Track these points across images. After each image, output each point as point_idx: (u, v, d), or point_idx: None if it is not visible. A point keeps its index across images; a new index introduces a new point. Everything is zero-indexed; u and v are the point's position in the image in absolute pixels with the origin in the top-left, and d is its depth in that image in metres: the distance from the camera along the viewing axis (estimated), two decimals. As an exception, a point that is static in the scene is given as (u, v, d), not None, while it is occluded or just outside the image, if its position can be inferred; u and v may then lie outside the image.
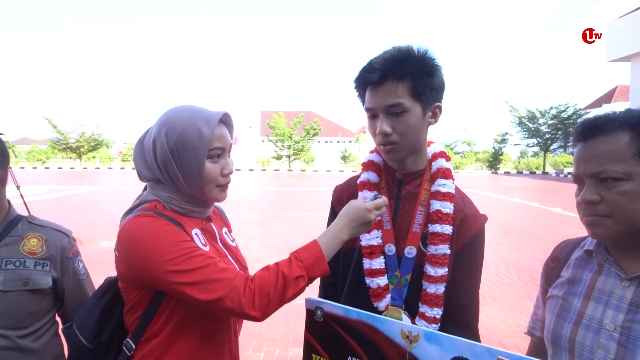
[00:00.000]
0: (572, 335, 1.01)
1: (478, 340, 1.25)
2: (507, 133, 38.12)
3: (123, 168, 35.57)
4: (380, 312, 1.24)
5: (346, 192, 1.41)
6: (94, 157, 40.87)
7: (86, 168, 35.40)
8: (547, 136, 34.85)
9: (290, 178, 26.53)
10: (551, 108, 34.39)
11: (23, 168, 33.62)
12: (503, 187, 20.77)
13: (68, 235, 1.49)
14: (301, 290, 1.09)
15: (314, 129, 37.21)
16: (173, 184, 1.17)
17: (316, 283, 1.29)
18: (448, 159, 1.33)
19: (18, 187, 1.61)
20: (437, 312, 1.22)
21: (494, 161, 37.65)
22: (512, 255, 7.10)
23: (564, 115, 33.81)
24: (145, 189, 1.24)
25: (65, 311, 1.48)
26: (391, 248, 1.27)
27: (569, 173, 29.79)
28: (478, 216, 1.29)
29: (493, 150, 38.25)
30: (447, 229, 1.23)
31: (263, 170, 35.69)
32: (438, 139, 1.40)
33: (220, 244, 1.26)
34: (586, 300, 1.01)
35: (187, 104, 1.20)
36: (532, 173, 35.26)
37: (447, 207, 1.24)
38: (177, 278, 1.03)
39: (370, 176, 1.34)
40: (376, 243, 1.27)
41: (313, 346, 1.11)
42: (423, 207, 1.27)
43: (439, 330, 1.22)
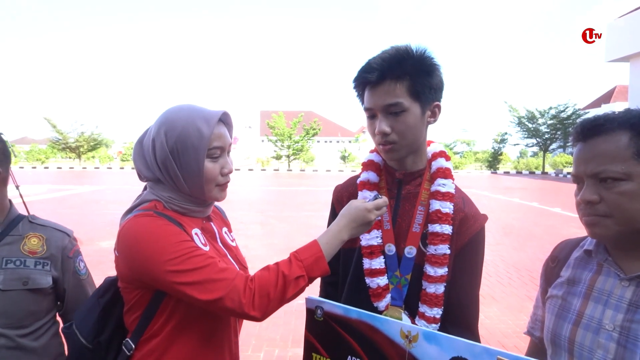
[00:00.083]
0: (572, 335, 1.01)
1: (478, 340, 1.25)
2: (507, 133, 38.13)
3: (122, 168, 35.54)
4: (380, 312, 1.24)
5: (346, 192, 1.41)
6: (93, 157, 40.84)
7: (85, 168, 35.37)
8: (547, 136, 34.86)
9: (289, 178, 26.52)
10: (550, 108, 34.40)
11: (22, 168, 33.59)
12: (502, 187, 20.78)
13: (69, 235, 1.49)
14: (301, 290, 1.09)
15: (314, 129, 37.19)
16: (173, 184, 1.17)
17: (317, 282, 1.29)
18: (448, 159, 1.33)
19: (17, 187, 1.60)
20: (437, 312, 1.22)
21: (494, 161, 37.65)
22: (512, 255, 7.10)
23: (563, 115, 33.83)
24: (145, 189, 1.24)
25: (65, 311, 1.48)
26: (391, 248, 1.26)
27: (569, 173, 29.73)
28: (478, 216, 1.29)
29: (492, 150, 38.24)
30: (447, 229, 1.23)
31: (262, 170, 35.68)
32: (437, 139, 1.39)
33: (220, 244, 1.26)
34: (585, 300, 1.02)
35: (187, 104, 1.19)
36: (532, 173, 35.27)
37: (447, 207, 1.24)
38: (177, 278, 1.03)
39: (370, 176, 1.34)
40: (376, 243, 1.27)
41: (313, 345, 1.11)
42: (423, 207, 1.27)
43: (439, 330, 1.22)
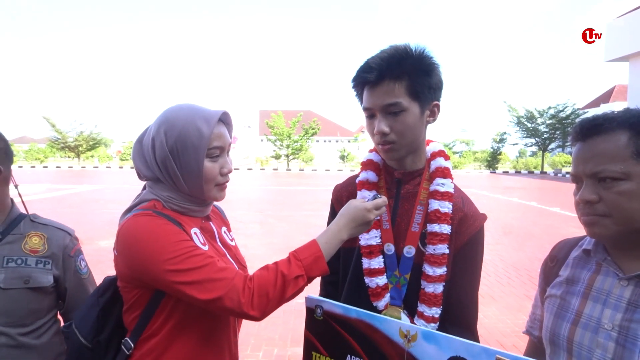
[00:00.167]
0: (571, 334, 1.01)
1: (477, 339, 1.25)
2: (506, 133, 38.16)
3: (121, 167, 35.50)
4: (379, 311, 1.24)
5: (346, 192, 1.41)
6: (93, 156, 40.79)
7: (84, 167, 35.34)
8: (546, 136, 34.87)
9: (289, 177, 26.51)
10: (549, 108, 34.43)
11: (21, 167, 33.55)
12: (502, 187, 20.79)
13: (70, 234, 1.50)
14: (300, 289, 1.09)
15: (313, 129, 37.17)
16: (172, 183, 1.16)
17: (317, 282, 1.29)
18: (447, 158, 1.32)
19: (16, 187, 1.60)
20: (436, 312, 1.22)
21: (493, 161, 37.66)
22: (511, 254, 7.11)
23: (562, 115, 33.84)
24: (144, 188, 1.24)
25: (66, 310, 1.48)
26: (390, 247, 1.26)
27: (567, 172, 29.71)
28: (477, 215, 1.29)
29: (491, 149, 38.25)
30: (446, 229, 1.23)
31: (262, 169, 35.67)
32: (437, 138, 1.39)
33: (219, 243, 1.26)
34: (584, 299, 1.02)
35: (187, 103, 1.19)
36: (531, 172, 35.30)
37: (446, 207, 1.24)
38: (176, 277, 1.03)
39: (369, 175, 1.34)
40: (375, 243, 1.27)
41: (313, 344, 1.11)
42: (422, 207, 1.27)
43: (438, 329, 1.22)
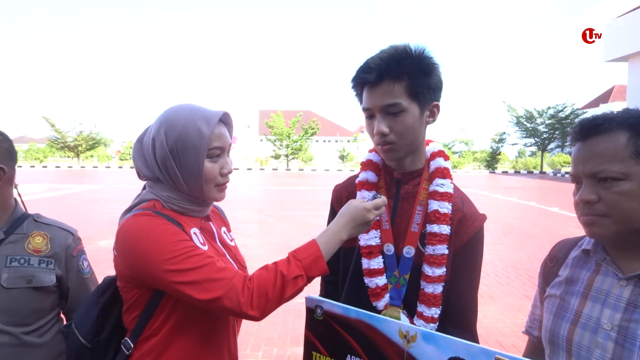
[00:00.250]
0: (570, 334, 1.01)
1: (477, 340, 1.25)
2: (505, 133, 38.17)
3: (121, 167, 35.49)
4: (379, 312, 1.24)
5: (345, 192, 1.41)
6: (92, 156, 40.76)
7: (84, 167, 35.33)
8: (545, 136, 34.90)
9: (288, 177, 26.52)
10: (549, 108, 34.45)
11: (20, 167, 33.51)
12: (501, 187, 20.80)
13: (73, 234, 1.51)
14: (300, 289, 1.09)
15: (312, 128, 37.17)
16: (172, 183, 1.16)
17: (317, 281, 1.29)
18: (447, 158, 1.32)
19: (16, 186, 1.60)
20: (435, 312, 1.22)
21: (492, 161, 37.67)
22: (510, 254, 7.12)
23: (562, 115, 33.87)
24: (144, 188, 1.24)
25: (69, 309, 1.49)
26: (390, 248, 1.26)
27: (567, 172, 29.81)
28: (477, 216, 1.29)
29: (491, 149, 38.27)
30: (445, 229, 1.23)
31: (261, 169, 35.68)
32: (436, 138, 1.39)
33: (219, 244, 1.26)
34: (584, 299, 1.02)
35: (187, 103, 1.19)
36: (530, 172, 35.32)
37: (445, 207, 1.24)
38: (176, 277, 1.03)
39: (368, 176, 1.34)
40: (374, 243, 1.27)
41: (313, 344, 1.11)
42: (421, 207, 1.27)
43: (438, 329, 1.22)
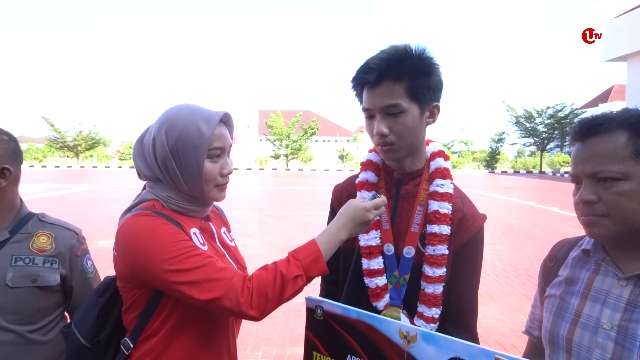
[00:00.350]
0: (570, 334, 1.01)
1: (477, 340, 1.25)
2: (504, 132, 38.14)
3: (120, 167, 35.46)
4: (379, 312, 1.24)
5: (345, 192, 1.41)
6: (92, 156, 40.72)
7: (83, 167, 35.29)
8: (544, 135, 34.91)
9: (288, 177, 26.51)
10: (548, 107, 34.44)
11: (20, 167, 33.43)
12: (500, 187, 20.80)
13: (77, 233, 1.52)
14: (299, 289, 1.09)
15: (312, 128, 37.14)
16: (172, 183, 1.17)
17: (317, 281, 1.29)
18: (447, 158, 1.32)
19: (15, 186, 1.61)
20: (435, 312, 1.22)
21: (491, 160, 37.67)
22: (510, 254, 7.12)
23: (561, 114, 33.87)
24: (144, 188, 1.24)
25: (72, 308, 1.50)
26: (390, 248, 1.26)
27: (566, 172, 29.85)
28: (477, 216, 1.29)
29: (490, 149, 38.27)
30: (445, 230, 1.23)
31: (261, 169, 35.66)
32: (435, 138, 1.39)
33: (218, 244, 1.26)
34: (583, 299, 1.02)
35: (188, 103, 1.19)
36: (529, 172, 35.33)
37: (445, 208, 1.24)
38: (175, 277, 1.03)
39: (368, 176, 1.34)
40: (374, 243, 1.27)
41: (314, 344, 1.11)
42: (421, 207, 1.27)
43: (438, 330, 1.22)
